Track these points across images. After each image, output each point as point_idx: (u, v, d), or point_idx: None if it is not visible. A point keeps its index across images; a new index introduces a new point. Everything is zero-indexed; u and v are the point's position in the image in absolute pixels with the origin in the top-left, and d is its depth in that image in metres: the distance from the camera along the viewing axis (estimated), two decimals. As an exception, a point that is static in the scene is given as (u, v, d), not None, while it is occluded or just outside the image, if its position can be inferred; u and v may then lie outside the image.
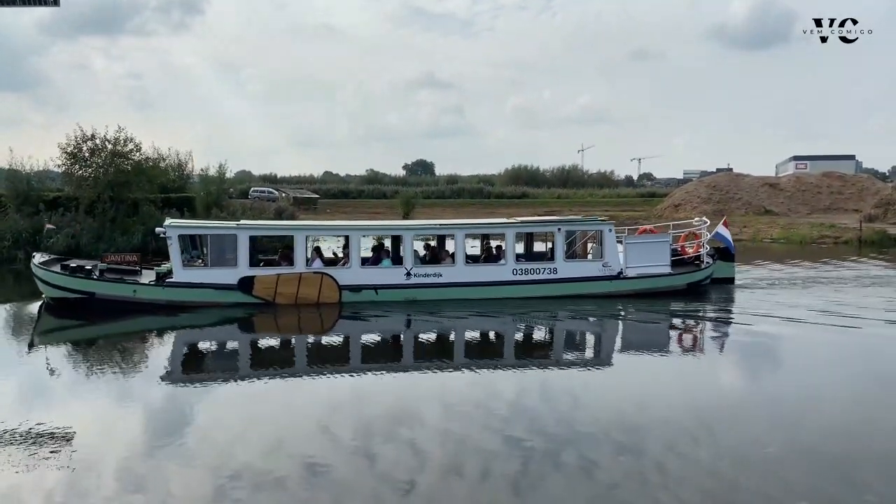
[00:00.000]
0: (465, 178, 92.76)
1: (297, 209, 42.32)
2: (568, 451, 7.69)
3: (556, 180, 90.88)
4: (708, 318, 16.54)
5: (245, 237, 16.31)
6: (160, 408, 9.79)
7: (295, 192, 62.06)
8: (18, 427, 8.42)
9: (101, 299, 16.01)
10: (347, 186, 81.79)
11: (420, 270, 17.00)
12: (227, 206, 32.54)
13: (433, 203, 60.30)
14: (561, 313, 16.32)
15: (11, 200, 28.27)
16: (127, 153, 29.30)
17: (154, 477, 7.14)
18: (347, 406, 9.69)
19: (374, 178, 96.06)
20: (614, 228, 18.30)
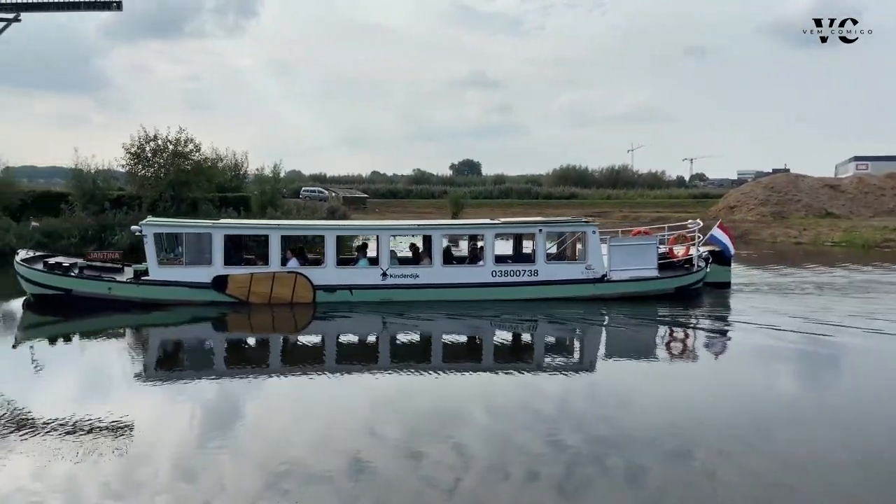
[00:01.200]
0: (513, 179, 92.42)
1: (347, 209, 42.72)
2: (614, 454, 7.72)
3: (606, 181, 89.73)
4: (692, 323, 15.96)
5: (220, 236, 16.38)
6: (125, 406, 10.09)
7: (344, 191, 62.78)
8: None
9: (77, 296, 16.19)
10: (395, 186, 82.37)
11: (396, 271, 16.85)
12: (280, 205, 33.05)
13: (480, 203, 60.19)
14: (541, 316, 16.00)
15: (78, 199, 29.32)
16: (187, 153, 30.22)
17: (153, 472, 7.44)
18: (389, 404, 9.88)
19: (421, 177, 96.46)
20: (598, 230, 17.88)
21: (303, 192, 56.21)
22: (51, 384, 11.13)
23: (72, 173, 31.44)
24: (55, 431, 8.32)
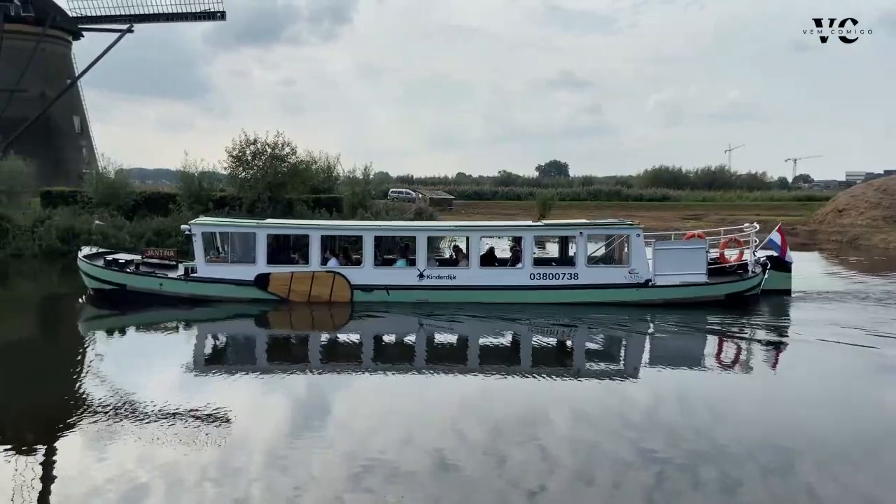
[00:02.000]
0: (601, 180, 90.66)
1: (434, 209, 43.17)
2: (707, 466, 7.50)
3: (701, 182, 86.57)
4: (745, 332, 14.97)
5: (263, 235, 16.86)
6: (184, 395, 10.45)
7: (431, 192, 63.46)
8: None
9: (131, 291, 17.09)
10: (481, 188, 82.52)
11: (433, 272, 16.86)
12: (370, 206, 33.78)
13: (568, 205, 59.35)
14: (581, 321, 15.58)
15: (185, 199, 31.08)
16: (284, 156, 31.41)
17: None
18: (471, 405, 9.92)
19: (507, 179, 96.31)
20: (642, 233, 17.19)
21: (391, 193, 57.19)
22: (123, 374, 11.82)
23: (179, 175, 33.39)
24: (151, 420, 8.91)
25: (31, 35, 48.88)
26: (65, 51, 53.38)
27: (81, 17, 51.44)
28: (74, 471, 7.47)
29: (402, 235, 18.41)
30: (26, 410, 9.82)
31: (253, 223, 17.96)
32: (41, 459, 7.75)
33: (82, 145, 54.36)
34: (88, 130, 55.88)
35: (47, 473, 7.37)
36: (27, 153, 36.46)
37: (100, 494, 6.80)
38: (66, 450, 8.13)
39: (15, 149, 40.01)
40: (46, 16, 49.28)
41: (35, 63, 48.94)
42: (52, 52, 51.44)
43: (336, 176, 39.09)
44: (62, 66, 52.81)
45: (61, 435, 8.57)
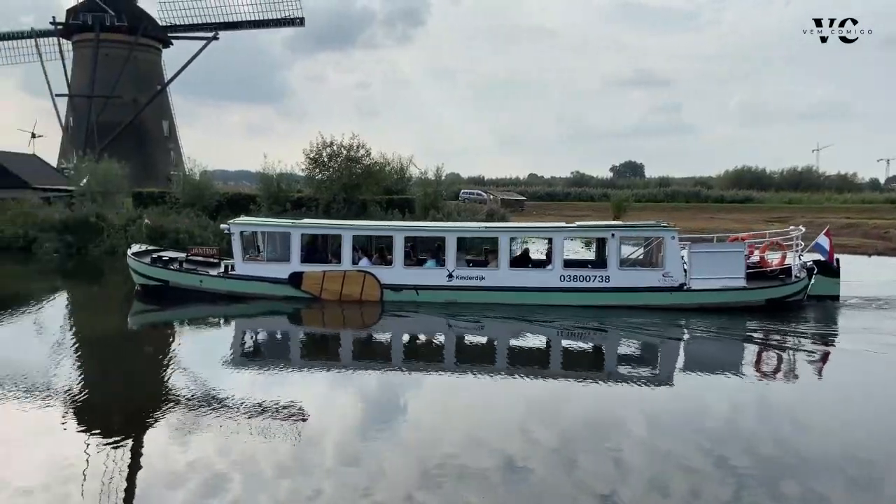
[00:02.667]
0: (679, 181, 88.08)
1: (506, 211, 43.04)
2: (788, 478, 7.17)
3: (786, 183, 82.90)
4: (788, 340, 14.16)
5: (298, 235, 17.27)
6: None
7: (502, 193, 63.31)
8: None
9: (174, 287, 17.73)
10: (552, 189, 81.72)
11: (462, 272, 16.88)
12: (442, 207, 34.02)
13: (643, 206, 57.99)
14: (618, 324, 15.13)
15: (264, 200, 32.19)
16: (359, 158, 32.05)
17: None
18: (540, 407, 9.83)
19: (579, 180, 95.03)
20: (678, 236, 16.68)
21: (462, 194, 57.42)
22: (191, 368, 12.19)
23: (259, 177, 34.63)
24: (226, 412, 9.25)
25: (124, 44, 51.79)
26: (155, 58, 56.21)
27: (171, 26, 54.18)
28: (159, 458, 7.84)
29: (433, 236, 18.42)
30: (110, 401, 10.41)
31: (288, 223, 18.39)
32: (129, 446, 8.18)
33: (170, 148, 57.10)
34: (176, 134, 58.67)
35: (134, 460, 7.78)
36: (120, 156, 38.64)
37: (181, 482, 7.12)
38: (150, 438, 8.55)
39: (109, 152, 42.43)
40: (139, 25, 52.09)
41: (128, 70, 51.81)
42: (143, 60, 54.28)
43: (409, 177, 39.60)
44: (153, 73, 55.64)
45: (145, 424, 9.00)
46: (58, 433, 8.64)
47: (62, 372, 11.44)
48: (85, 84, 51.65)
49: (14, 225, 29.58)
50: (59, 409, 9.44)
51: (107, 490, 6.91)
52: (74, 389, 10.44)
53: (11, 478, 7.21)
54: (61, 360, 12.32)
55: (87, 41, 51.71)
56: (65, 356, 12.77)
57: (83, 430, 8.80)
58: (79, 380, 11.13)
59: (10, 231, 29.37)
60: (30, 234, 28.92)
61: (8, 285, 21.68)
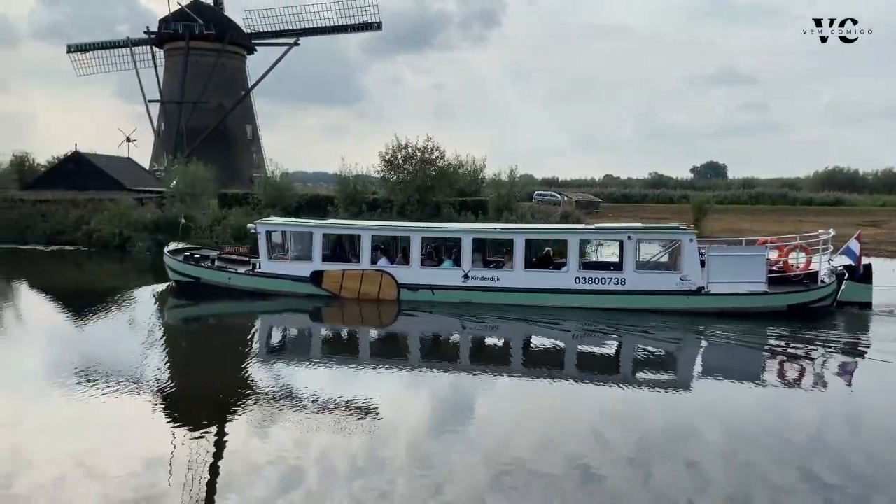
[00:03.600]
0: (764, 182, 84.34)
1: (581, 213, 42.39)
2: (881, 497, 6.80)
3: (881, 185, 78.03)
4: (810, 348, 13.52)
5: (319, 235, 17.82)
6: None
7: (577, 195, 62.41)
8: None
9: (205, 284, 18.58)
10: (629, 190, 79.93)
11: (478, 273, 17.02)
12: (515, 209, 33.88)
13: (727, 209, 55.92)
14: (634, 328, 14.79)
15: (341, 201, 32.98)
16: (433, 160, 32.36)
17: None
18: (613, 413, 9.65)
19: (657, 181, 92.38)
20: (696, 238, 16.36)
21: (536, 195, 56.98)
22: (259, 363, 12.65)
23: (336, 178, 35.49)
24: (301, 407, 9.56)
25: (211, 51, 54.13)
26: (240, 64, 58.50)
27: (255, 34, 56.29)
28: (240, 450, 8.19)
29: (449, 237, 18.48)
30: (194, 392, 10.93)
31: (311, 223, 19.02)
32: (212, 438, 8.58)
33: (253, 151, 59.27)
34: (258, 137, 60.83)
35: (217, 451, 8.15)
36: (207, 159, 40.42)
37: (261, 474, 7.41)
38: (231, 430, 8.92)
39: (196, 155, 44.47)
40: (225, 33, 54.33)
41: (215, 76, 54.13)
42: (229, 66, 56.58)
43: (482, 179, 39.65)
44: (237, 79, 57.92)
45: (226, 417, 9.41)
46: (145, 423, 9.15)
47: (150, 364, 12.11)
48: (175, 90, 54.31)
49: (110, 224, 31.46)
50: (147, 399, 9.99)
51: (191, 479, 7.28)
52: (161, 381, 11.04)
53: (105, 464, 7.69)
54: (149, 353, 13.07)
55: (178, 49, 54.36)
56: (152, 349, 13.52)
57: (169, 420, 9.30)
58: (165, 372, 11.75)
59: (107, 230, 31.25)
60: (124, 233, 30.70)
61: (104, 281, 23.11)
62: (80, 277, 24.97)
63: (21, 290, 21.71)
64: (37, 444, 8.28)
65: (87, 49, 57.07)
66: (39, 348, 13.81)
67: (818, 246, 16.58)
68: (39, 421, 9.22)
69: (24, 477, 7.34)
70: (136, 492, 6.94)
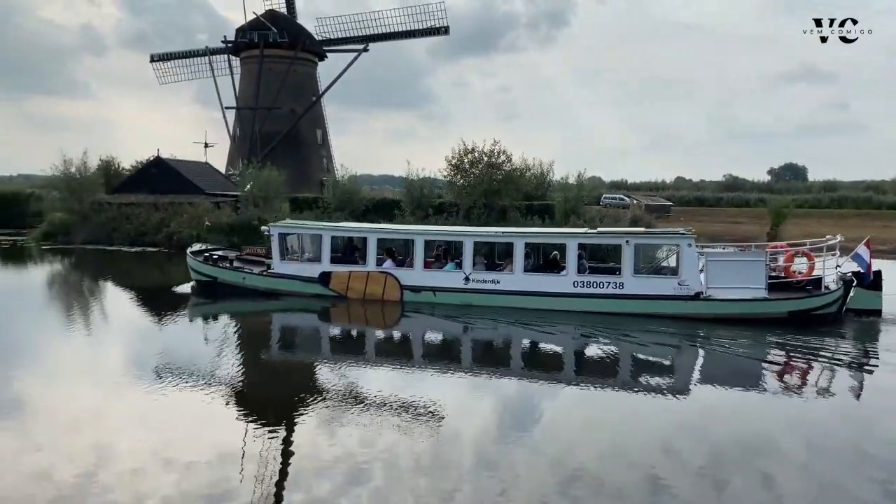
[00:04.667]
0: (847, 185, 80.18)
1: (650, 217, 41.49)
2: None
3: (978, 188, 72.87)
4: (804, 354, 13.32)
5: (328, 237, 18.73)
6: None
7: (647, 199, 61.03)
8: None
9: (221, 283, 19.58)
10: (702, 193, 77.52)
11: (478, 276, 17.46)
12: (582, 213, 33.46)
13: (806, 213, 53.54)
14: (631, 332, 14.78)
15: (407, 205, 33.36)
16: (499, 164, 32.31)
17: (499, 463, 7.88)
18: (683, 422, 9.40)
19: (732, 183, 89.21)
20: (694, 243, 16.23)
21: (603, 199, 56.00)
22: (315, 364, 12.87)
23: (403, 182, 35.94)
24: (365, 407, 9.70)
25: (284, 58, 55.71)
26: (311, 71, 59.98)
27: (326, 40, 57.62)
28: (307, 447, 8.39)
29: (451, 240, 18.94)
30: (263, 389, 11.28)
31: (320, 226, 20.07)
32: (281, 434, 8.83)
33: (323, 155, 60.64)
34: (328, 141, 62.22)
35: (286, 447, 8.38)
36: (279, 163, 41.58)
37: (328, 472, 7.57)
38: (299, 428, 9.16)
39: (269, 159, 45.85)
40: (298, 41, 55.83)
41: (287, 83, 55.70)
42: (301, 73, 58.10)
43: (549, 182, 39.33)
44: (309, 85, 59.41)
45: (294, 414, 9.67)
46: (218, 417, 9.50)
47: (222, 362, 12.61)
48: (250, 96, 56.17)
49: (189, 227, 32.84)
50: (218, 395, 10.36)
51: (262, 474, 7.51)
52: (230, 377, 11.46)
53: (180, 457, 8.03)
54: (222, 351, 13.61)
55: (253, 57, 56.20)
56: (224, 347, 14.09)
57: (240, 415, 9.63)
58: (234, 368, 12.21)
59: (186, 232, 32.63)
60: (201, 235, 31.98)
61: (181, 281, 24.03)
62: (159, 277, 26.14)
63: (107, 288, 22.94)
64: (118, 436, 8.73)
65: (168, 58, 59.74)
66: (122, 344, 14.51)
67: (816, 250, 16.52)
68: (121, 413, 9.71)
69: (106, 467, 7.74)
70: (211, 485, 7.22)
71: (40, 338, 14.69)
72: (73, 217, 35.55)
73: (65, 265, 28.27)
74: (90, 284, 23.40)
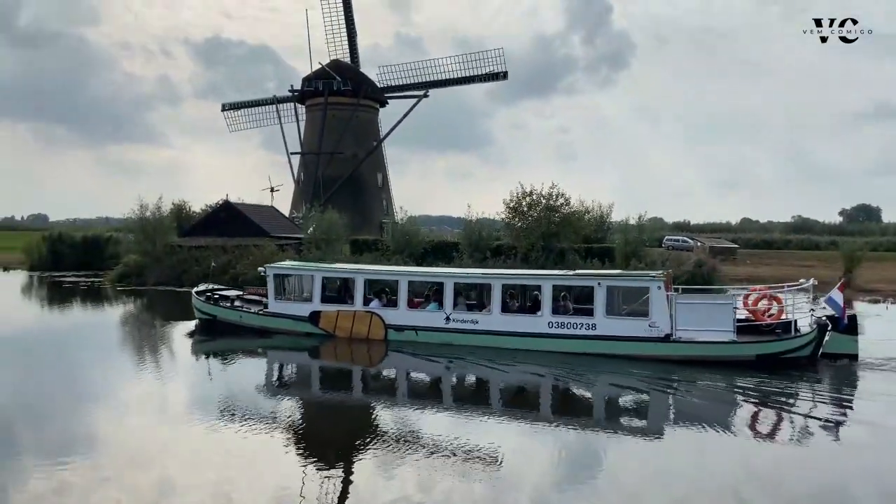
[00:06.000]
0: (927, 227, 76.45)
1: (715, 260, 40.37)
2: None
3: None
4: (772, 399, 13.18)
5: (319, 277, 19.49)
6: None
7: (711, 240, 59.52)
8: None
9: (220, 321, 20.46)
10: (770, 235, 75.14)
11: (458, 316, 17.94)
12: (644, 255, 32.89)
13: (881, 257, 51.15)
14: (603, 373, 15.12)
15: (466, 247, 33.53)
16: (558, 207, 32.24)
17: None
18: (752, 471, 8.97)
19: (802, 225, 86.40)
20: (664, 285, 16.30)
21: (666, 240, 54.93)
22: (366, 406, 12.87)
23: (461, 223, 36.19)
24: (423, 449, 9.69)
25: (347, 105, 57.59)
26: (373, 117, 61.73)
27: (388, 88, 59.35)
28: (365, 489, 8.43)
29: (433, 281, 19.45)
30: (320, 429, 11.40)
31: (312, 267, 20.87)
32: (339, 475, 8.91)
33: (383, 198, 61.85)
34: (388, 184, 63.49)
35: (344, 488, 8.45)
36: (340, 206, 42.65)
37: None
38: (357, 469, 9.22)
39: (331, 202, 47.08)
40: (360, 88, 57.69)
41: (350, 128, 57.43)
42: (363, 119, 59.86)
43: (608, 224, 38.92)
44: (370, 130, 61.08)
45: (352, 455, 9.74)
46: (276, 456, 9.68)
47: (281, 402, 13.02)
48: (314, 142, 58.09)
49: (254, 268, 33.80)
50: (276, 434, 10.58)
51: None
52: (288, 417, 11.69)
53: (240, 495, 8.19)
54: (280, 391, 14.07)
55: (318, 104, 58.28)
56: (284, 387, 14.56)
57: (297, 455, 9.79)
58: (292, 409, 12.53)
59: (252, 273, 33.54)
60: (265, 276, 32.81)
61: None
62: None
63: (175, 328, 23.80)
64: (181, 472, 8.98)
65: (238, 107, 62.62)
66: (186, 383, 14.95)
67: (782, 294, 16.61)
68: (183, 450, 10.00)
69: (168, 502, 7.96)
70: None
71: (111, 375, 15.31)
72: (147, 259, 37.11)
73: (136, 306, 29.46)
74: (159, 324, 24.31)
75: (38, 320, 24.99)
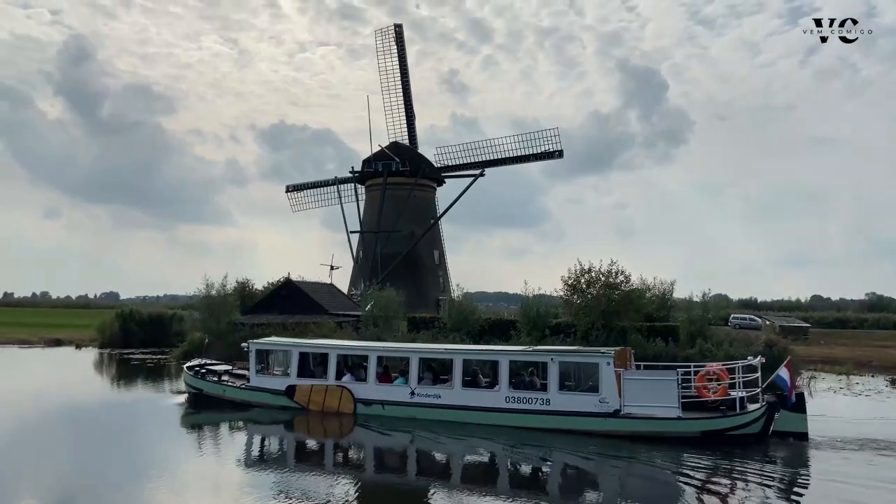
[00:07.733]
0: None
1: (787, 340, 38.56)
2: None
3: None
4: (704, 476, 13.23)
5: (296, 353, 20.47)
6: None
7: (780, 319, 57.17)
8: None
9: (206, 395, 21.45)
10: (843, 313, 71.71)
11: (422, 390, 18.56)
12: (710, 335, 31.74)
13: (968, 336, 47.89)
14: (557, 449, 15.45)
15: (524, 325, 33.04)
16: (617, 284, 31.63)
17: None
18: None
19: (877, 303, 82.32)
20: (613, 361, 16.78)
21: (732, 319, 53.03)
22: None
23: (518, 300, 35.76)
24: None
25: (405, 185, 58.97)
26: (430, 195, 62.92)
27: (445, 167, 60.68)
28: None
29: (400, 356, 20.42)
30: None
31: (290, 342, 21.90)
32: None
33: (439, 275, 62.18)
34: (445, 261, 63.92)
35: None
36: (397, 283, 42.97)
37: None
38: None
39: (389, 279, 47.55)
40: (418, 169, 59.16)
41: (407, 207, 58.58)
42: (420, 198, 61.08)
43: (671, 302, 37.86)
44: (427, 209, 62.15)
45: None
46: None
47: (259, 475, 13.39)
48: (373, 220, 59.38)
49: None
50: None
51: None
52: (264, 492, 11.71)
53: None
54: (257, 465, 14.50)
55: (377, 184, 59.89)
56: (262, 461, 15.00)
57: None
58: (268, 483, 12.66)
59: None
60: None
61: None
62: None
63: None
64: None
65: (301, 188, 64.91)
66: (239, 462, 14.95)
67: (721, 372, 16.75)
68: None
69: None
70: None
71: (169, 451, 15.73)
72: (211, 337, 37.91)
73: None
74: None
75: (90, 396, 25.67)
